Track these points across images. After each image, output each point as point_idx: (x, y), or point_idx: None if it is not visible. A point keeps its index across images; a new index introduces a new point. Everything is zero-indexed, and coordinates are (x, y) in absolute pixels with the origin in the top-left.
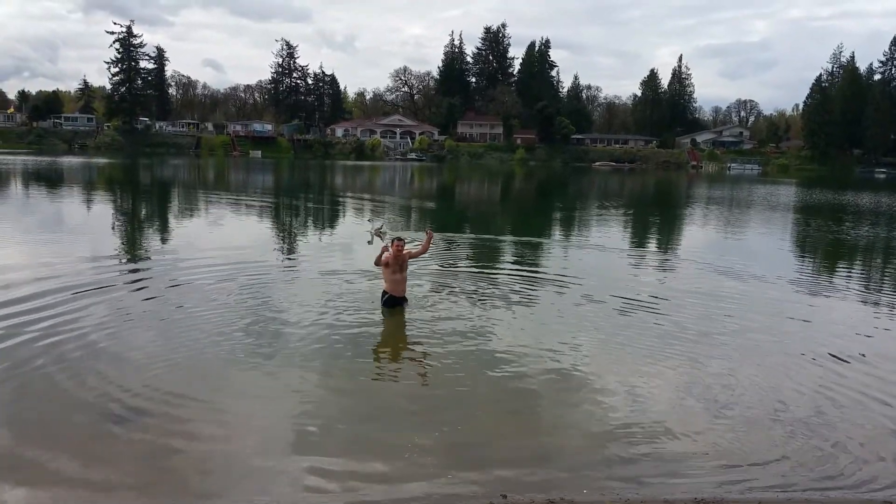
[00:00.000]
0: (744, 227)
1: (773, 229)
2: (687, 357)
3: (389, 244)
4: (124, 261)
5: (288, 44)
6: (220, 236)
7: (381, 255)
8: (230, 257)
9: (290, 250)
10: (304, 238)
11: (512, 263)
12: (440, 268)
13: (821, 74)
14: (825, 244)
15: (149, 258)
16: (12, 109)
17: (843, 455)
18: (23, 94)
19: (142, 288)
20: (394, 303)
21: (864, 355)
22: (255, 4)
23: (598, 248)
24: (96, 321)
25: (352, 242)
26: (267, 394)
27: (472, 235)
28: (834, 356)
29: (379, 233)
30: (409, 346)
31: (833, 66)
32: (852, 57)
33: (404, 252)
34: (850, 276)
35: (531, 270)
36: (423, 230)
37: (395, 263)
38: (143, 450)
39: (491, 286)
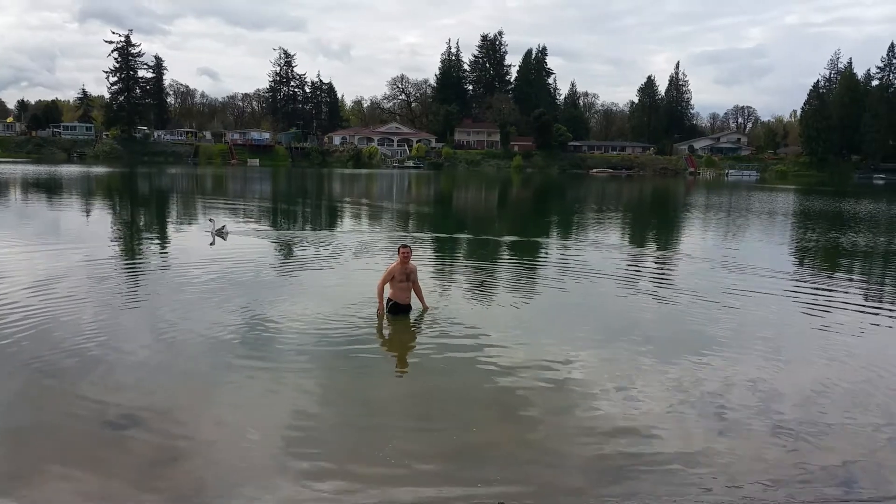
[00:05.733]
0: (743, 233)
1: (772, 235)
2: (687, 365)
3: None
4: (120, 267)
5: (286, 52)
6: (216, 242)
7: (384, 277)
8: (227, 263)
9: (288, 256)
10: (301, 244)
11: (511, 267)
12: (441, 272)
13: (818, 80)
14: (826, 251)
15: (144, 264)
16: (11, 119)
17: (846, 468)
18: (22, 104)
19: (137, 294)
20: (398, 310)
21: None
22: (249, 14)
23: (596, 251)
24: (92, 327)
25: (350, 247)
26: (264, 399)
27: (471, 236)
28: (836, 365)
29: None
30: (407, 352)
31: (830, 73)
32: (849, 63)
33: (411, 263)
34: (851, 283)
35: (530, 274)
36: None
37: (402, 273)
38: (139, 457)
39: (490, 290)
